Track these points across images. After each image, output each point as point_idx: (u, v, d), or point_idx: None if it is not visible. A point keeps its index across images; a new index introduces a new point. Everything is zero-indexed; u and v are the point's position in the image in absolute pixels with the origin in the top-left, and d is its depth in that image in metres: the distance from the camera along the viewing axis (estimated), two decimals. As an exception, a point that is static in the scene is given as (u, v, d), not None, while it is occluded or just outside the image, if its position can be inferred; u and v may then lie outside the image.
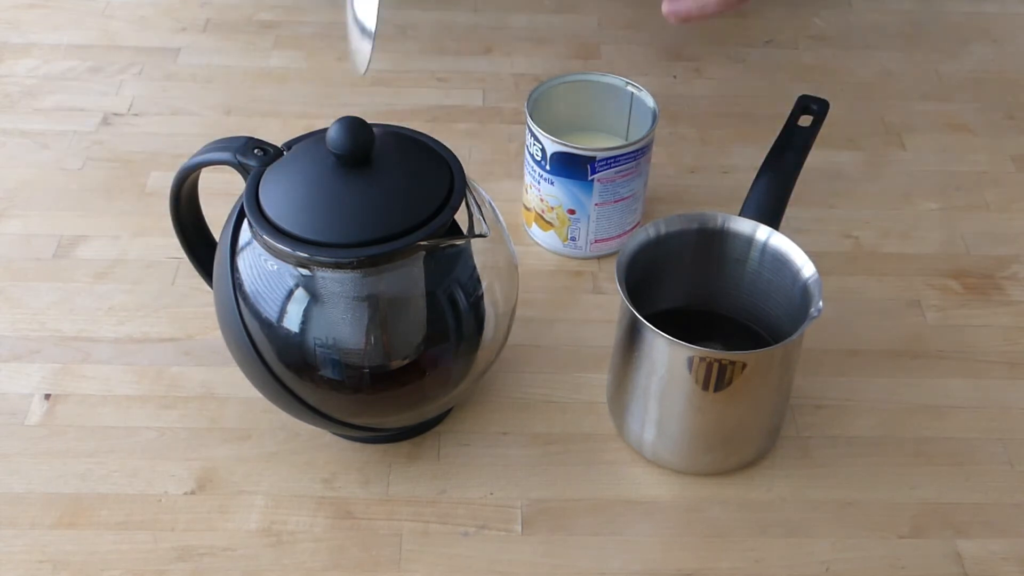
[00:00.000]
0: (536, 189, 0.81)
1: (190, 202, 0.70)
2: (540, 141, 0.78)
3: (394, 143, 0.64)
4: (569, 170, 0.78)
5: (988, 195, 0.90)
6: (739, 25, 1.08)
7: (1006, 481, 0.70)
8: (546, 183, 0.79)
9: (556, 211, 0.80)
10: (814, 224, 0.86)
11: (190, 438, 0.70)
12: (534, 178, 0.80)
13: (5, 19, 1.05)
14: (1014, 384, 0.76)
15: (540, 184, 0.80)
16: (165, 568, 0.64)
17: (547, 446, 0.71)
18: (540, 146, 0.78)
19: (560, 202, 0.80)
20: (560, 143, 0.77)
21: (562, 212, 0.80)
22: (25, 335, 0.76)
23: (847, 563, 0.65)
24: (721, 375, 0.64)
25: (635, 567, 0.65)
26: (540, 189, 0.80)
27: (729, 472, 0.69)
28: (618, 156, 0.77)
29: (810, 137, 0.75)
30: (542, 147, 0.78)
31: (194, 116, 0.95)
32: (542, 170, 0.79)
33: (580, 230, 0.81)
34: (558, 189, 0.79)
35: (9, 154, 0.91)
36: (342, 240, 0.59)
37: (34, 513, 0.66)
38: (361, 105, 0.96)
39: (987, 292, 0.82)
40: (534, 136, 0.78)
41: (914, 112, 0.99)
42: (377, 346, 0.64)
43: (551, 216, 0.81)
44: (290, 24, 1.06)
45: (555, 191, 0.79)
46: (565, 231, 0.81)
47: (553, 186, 0.79)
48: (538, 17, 1.08)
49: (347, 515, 0.67)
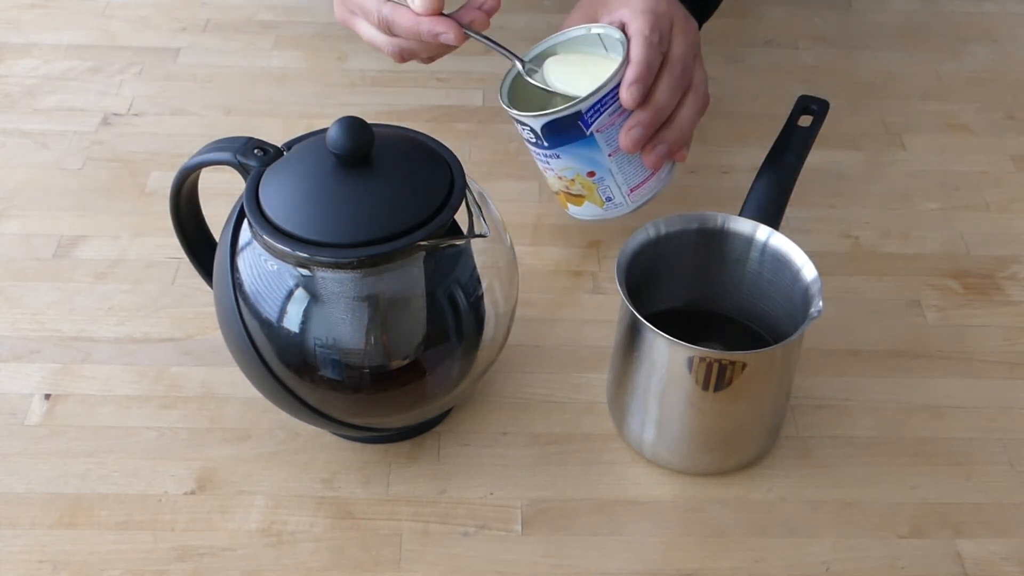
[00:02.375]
0: (550, 171, 0.78)
1: (190, 202, 0.70)
2: (526, 123, 0.75)
3: (394, 143, 0.64)
4: (565, 136, 0.75)
5: (988, 195, 0.90)
6: (739, 25, 1.08)
7: (1006, 481, 0.70)
8: (554, 159, 0.77)
9: (578, 180, 0.77)
10: (814, 224, 0.86)
11: (190, 438, 0.70)
12: (542, 161, 0.78)
13: (5, 19, 1.05)
14: (1014, 384, 0.76)
15: (550, 163, 0.77)
16: (165, 568, 0.64)
17: (547, 446, 0.71)
18: (528, 127, 0.76)
19: (576, 170, 0.77)
20: (541, 114, 0.74)
21: (583, 179, 0.77)
22: (25, 335, 0.76)
23: (847, 563, 0.65)
24: (721, 375, 0.64)
25: (635, 567, 0.65)
26: (552, 168, 0.78)
27: (729, 472, 0.69)
28: (603, 99, 0.73)
29: (810, 137, 0.75)
30: (530, 127, 0.75)
31: (194, 116, 0.95)
32: (543, 149, 0.76)
33: (610, 187, 0.77)
34: (567, 159, 0.76)
35: (9, 154, 0.91)
36: (342, 240, 0.59)
37: (34, 513, 0.66)
38: (361, 105, 0.96)
39: (987, 292, 0.82)
40: (519, 122, 0.76)
41: (914, 112, 0.99)
42: (377, 346, 0.64)
43: (577, 188, 0.78)
44: (290, 24, 1.06)
45: (565, 162, 0.77)
46: (597, 195, 0.78)
47: (561, 159, 0.76)
48: (538, 17, 1.08)
49: (347, 515, 0.67)
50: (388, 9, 0.76)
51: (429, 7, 0.74)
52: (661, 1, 0.76)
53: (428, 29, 0.75)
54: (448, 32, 0.75)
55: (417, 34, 0.76)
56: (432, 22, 0.75)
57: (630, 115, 0.74)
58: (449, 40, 0.75)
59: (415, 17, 0.75)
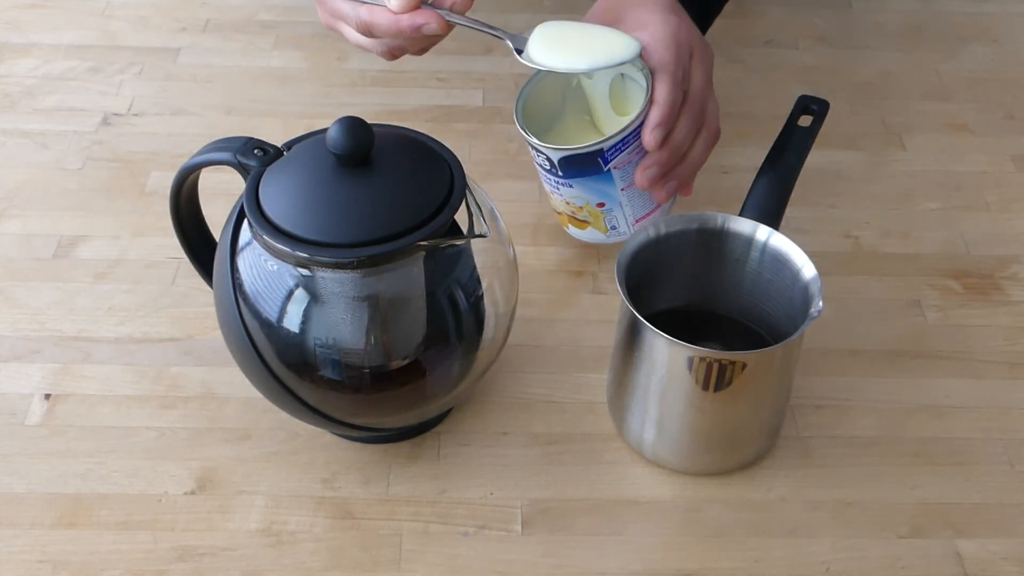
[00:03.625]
0: (558, 195, 0.77)
1: (190, 202, 0.70)
2: (543, 151, 0.74)
3: (394, 143, 0.64)
4: (582, 170, 0.74)
5: (988, 195, 0.90)
6: (739, 25, 1.08)
7: (1006, 481, 0.70)
8: (565, 187, 0.76)
9: (586, 208, 0.77)
10: (814, 224, 0.86)
11: (190, 438, 0.70)
12: (552, 185, 0.77)
13: (5, 19, 1.05)
14: (1014, 384, 0.76)
15: (560, 190, 0.77)
16: (165, 568, 0.64)
17: (547, 446, 0.71)
18: (544, 156, 0.74)
19: (586, 200, 0.76)
20: (564, 149, 0.73)
21: (591, 208, 0.77)
22: (25, 335, 0.76)
23: (847, 563, 0.65)
24: (721, 375, 0.64)
25: (635, 567, 0.65)
26: (561, 193, 0.77)
27: (729, 472, 0.69)
28: (626, 138, 0.73)
29: (810, 137, 0.75)
30: (547, 157, 0.74)
31: (194, 116, 0.95)
32: (556, 177, 0.76)
33: (617, 217, 0.77)
34: (579, 190, 0.76)
35: (9, 154, 0.91)
36: (342, 240, 0.59)
37: (34, 513, 0.66)
38: (361, 105, 0.96)
39: (987, 292, 0.82)
40: (535, 149, 0.75)
41: (914, 112, 0.99)
42: (377, 346, 0.64)
43: (583, 215, 0.78)
44: (290, 24, 1.06)
45: (577, 192, 0.76)
46: (603, 223, 0.78)
47: (573, 188, 0.76)
48: (538, 17, 1.07)
49: (347, 515, 0.67)
50: (365, 12, 0.74)
51: (405, 5, 0.72)
52: (681, 25, 0.74)
53: (408, 24, 0.73)
54: (430, 22, 0.72)
55: (398, 32, 0.73)
56: (411, 16, 0.73)
57: (647, 153, 0.73)
58: (432, 30, 0.73)
59: (393, 16, 0.73)
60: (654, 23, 0.73)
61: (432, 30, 0.73)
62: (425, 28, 0.73)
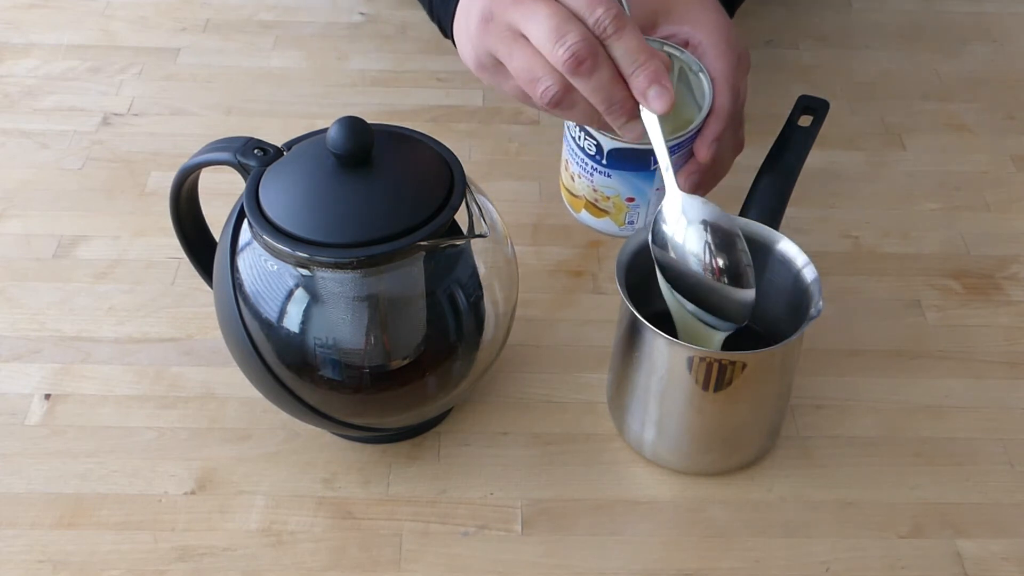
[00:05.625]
0: (587, 179, 0.76)
1: (190, 202, 0.70)
2: (594, 137, 0.73)
3: (394, 143, 0.64)
4: (629, 164, 0.73)
5: (988, 195, 0.90)
6: (739, 25, 1.07)
7: (1006, 481, 0.70)
8: (601, 175, 0.75)
9: (613, 200, 0.76)
10: (814, 224, 0.86)
11: (190, 438, 0.70)
12: (585, 169, 0.75)
13: (5, 19, 1.05)
14: (1014, 384, 0.76)
15: (593, 176, 0.75)
16: (165, 568, 0.64)
17: (547, 446, 0.71)
18: (594, 141, 0.73)
19: (618, 192, 0.75)
20: (620, 140, 0.71)
21: (619, 201, 0.76)
22: (25, 335, 0.76)
23: (847, 563, 0.65)
24: (721, 375, 0.64)
25: (635, 567, 0.65)
26: (593, 180, 0.75)
27: (729, 472, 0.69)
28: (683, 142, 0.72)
29: (810, 137, 0.75)
30: (597, 143, 0.73)
31: (194, 116, 0.95)
32: (597, 163, 0.74)
33: (639, 214, 0.76)
34: (616, 181, 0.75)
35: (9, 154, 0.91)
36: (342, 240, 0.59)
37: (34, 513, 0.66)
38: (361, 105, 0.96)
39: (987, 292, 0.82)
40: (586, 131, 0.73)
41: (914, 112, 0.99)
42: (377, 346, 0.64)
43: (606, 204, 0.77)
44: (290, 24, 1.06)
45: (612, 183, 0.75)
46: (622, 217, 0.77)
47: (610, 178, 0.74)
48: None
49: (347, 515, 0.67)
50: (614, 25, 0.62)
51: (637, 139, 0.66)
52: (730, 26, 0.72)
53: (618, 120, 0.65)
54: (632, 132, 0.65)
55: (608, 98, 0.63)
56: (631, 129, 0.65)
57: (691, 158, 0.73)
58: (625, 136, 0.66)
59: (622, 84, 0.63)
60: (707, 22, 0.72)
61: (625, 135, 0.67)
62: (623, 130, 0.66)
